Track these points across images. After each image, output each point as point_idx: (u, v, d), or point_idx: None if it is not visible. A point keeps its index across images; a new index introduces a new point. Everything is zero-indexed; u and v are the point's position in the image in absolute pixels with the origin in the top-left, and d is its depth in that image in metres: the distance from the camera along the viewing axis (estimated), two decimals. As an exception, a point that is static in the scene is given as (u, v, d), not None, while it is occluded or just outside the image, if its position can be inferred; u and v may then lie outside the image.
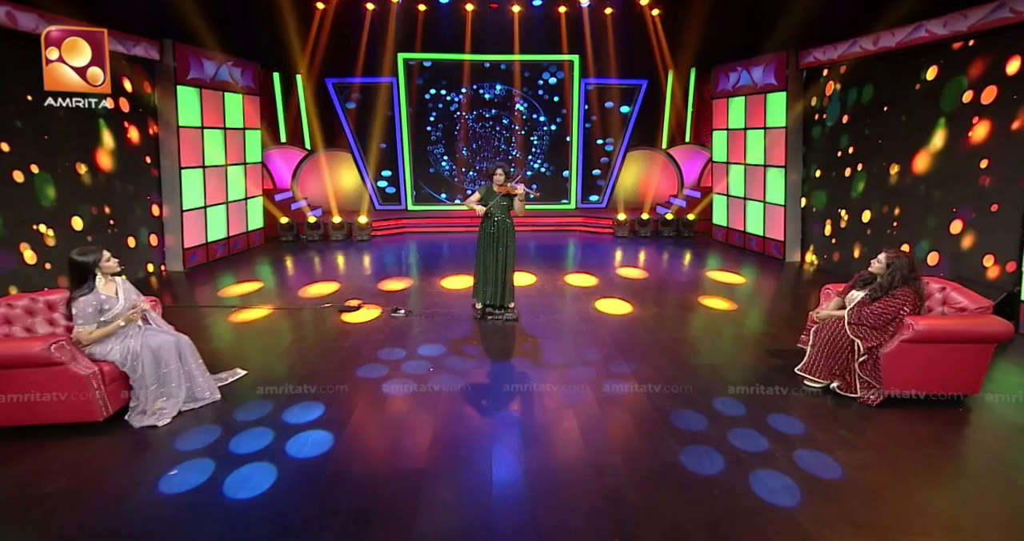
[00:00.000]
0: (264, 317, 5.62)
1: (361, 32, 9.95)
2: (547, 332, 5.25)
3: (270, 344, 4.90)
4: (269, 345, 4.87)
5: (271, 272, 7.67)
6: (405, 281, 7.08)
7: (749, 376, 4.16)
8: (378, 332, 5.23)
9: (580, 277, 7.28)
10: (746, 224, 9.00)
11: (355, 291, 6.59)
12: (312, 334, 5.20)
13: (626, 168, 11.44)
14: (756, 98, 8.36)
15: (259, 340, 5.03)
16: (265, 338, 5.08)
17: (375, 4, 9.70)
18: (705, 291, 6.71)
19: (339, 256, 8.68)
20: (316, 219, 9.79)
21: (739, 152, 8.92)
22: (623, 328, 5.36)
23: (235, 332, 5.21)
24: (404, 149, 11.04)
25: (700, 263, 8.37)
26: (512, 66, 10.68)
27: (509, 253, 5.50)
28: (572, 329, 5.35)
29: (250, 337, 5.12)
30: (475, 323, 5.46)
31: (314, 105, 10.71)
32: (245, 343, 4.91)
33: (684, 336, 5.17)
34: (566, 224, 10.95)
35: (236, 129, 8.35)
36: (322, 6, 9.44)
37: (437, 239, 10.07)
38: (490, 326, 5.39)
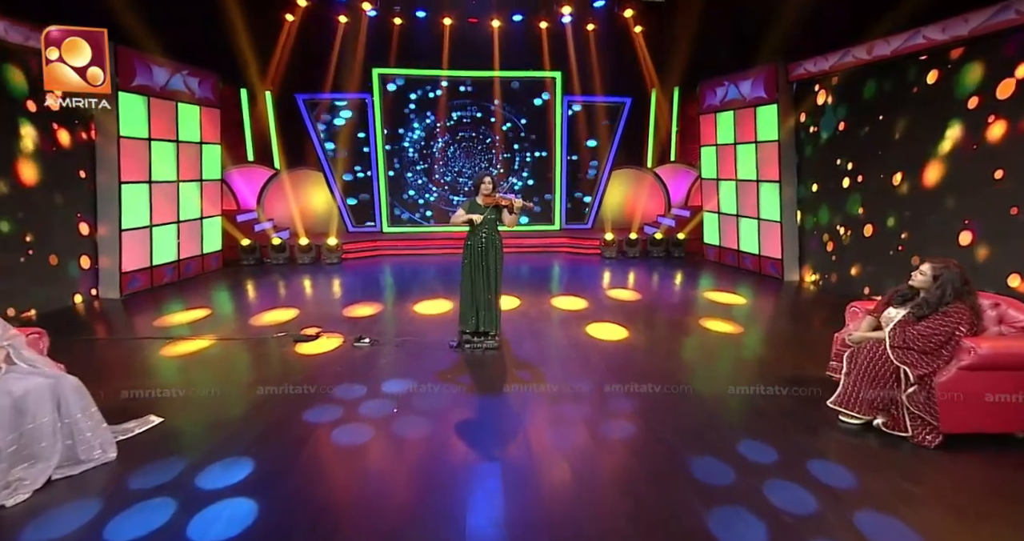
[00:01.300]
0: (204, 350, 4.83)
1: (333, 46, 9.49)
2: (534, 361, 4.58)
3: (202, 382, 4.10)
4: (200, 384, 4.08)
5: (225, 298, 6.88)
6: (374, 306, 6.37)
7: (772, 411, 3.53)
8: (337, 365, 4.49)
9: (568, 300, 6.66)
10: (740, 242, 8.56)
11: (316, 318, 5.84)
12: (257, 369, 4.43)
13: (611, 188, 11.03)
14: (745, 112, 8.06)
15: (190, 378, 4.23)
16: (198, 375, 4.29)
17: (348, 17, 9.29)
18: (703, 312, 6.13)
19: (304, 280, 7.92)
20: (281, 241, 9.06)
21: (729, 168, 8.56)
22: (619, 355, 4.71)
23: (162, 369, 4.40)
24: (379, 169, 10.47)
25: (694, 283, 7.84)
26: (492, 83, 10.30)
27: (497, 272, 4.88)
28: (562, 357, 4.68)
29: (180, 374, 4.32)
30: (451, 353, 4.77)
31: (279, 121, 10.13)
32: (171, 382, 4.11)
33: (688, 363, 4.55)
34: (550, 245, 10.40)
35: (191, 143, 7.68)
36: (291, 18, 8.99)
37: (413, 261, 9.40)
38: (468, 356, 4.70)
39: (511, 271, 8.24)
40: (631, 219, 10.85)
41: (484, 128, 10.56)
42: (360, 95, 10.09)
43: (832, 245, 7.06)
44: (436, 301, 6.48)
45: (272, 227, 9.78)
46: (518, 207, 4.67)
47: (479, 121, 10.50)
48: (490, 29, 9.69)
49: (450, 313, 5.76)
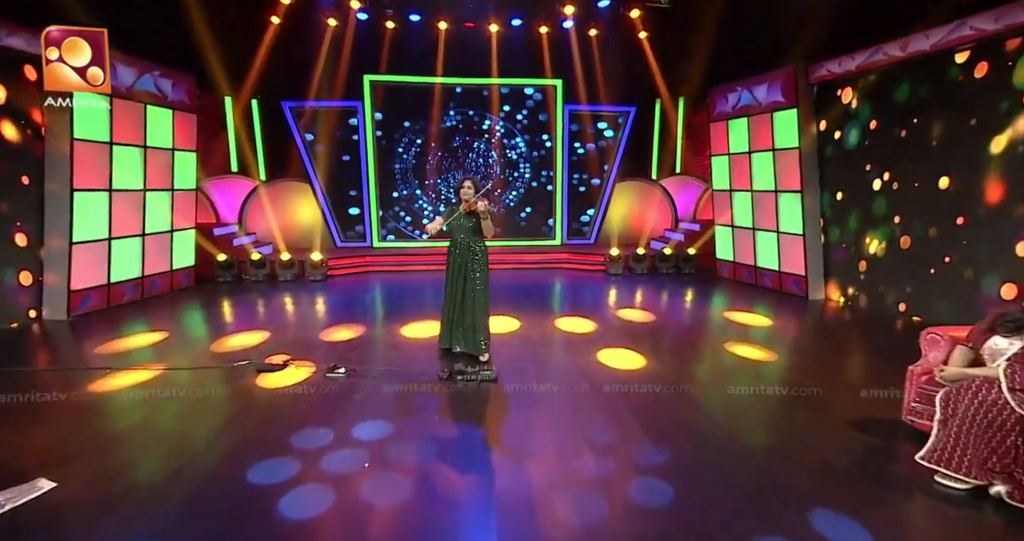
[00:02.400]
0: (145, 384, 4.08)
1: (321, 51, 8.96)
2: (537, 398, 3.85)
3: (126, 430, 3.35)
4: (124, 431, 3.33)
5: (190, 319, 6.14)
6: (356, 329, 5.64)
7: (843, 467, 2.80)
8: (303, 402, 3.76)
9: (573, 322, 5.95)
10: (757, 258, 7.91)
11: (289, 343, 5.11)
12: (203, 409, 3.68)
13: (615, 201, 10.43)
14: (761, 118, 7.50)
15: (113, 423, 3.48)
16: (125, 418, 3.53)
17: (337, 20, 8.78)
18: (726, 335, 5.43)
19: (283, 299, 7.19)
20: (261, 256, 8.36)
21: (744, 178, 7.97)
22: (639, 390, 3.99)
23: (82, 411, 3.62)
24: (370, 181, 9.85)
25: (710, 302, 7.15)
26: (490, 90, 9.78)
27: (478, 287, 4.25)
28: (571, 392, 3.95)
29: (102, 418, 3.55)
30: (440, 386, 4.04)
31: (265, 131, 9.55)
32: (88, 429, 3.34)
33: (724, 400, 3.82)
34: (551, 261, 9.72)
35: (162, 149, 7.04)
36: (277, 20, 8.46)
37: (404, 279, 8.69)
38: (460, 390, 3.97)
39: (509, 289, 7.56)
40: (637, 234, 10.23)
41: (481, 138, 9.99)
42: (350, 103, 9.53)
43: (862, 259, 6.41)
44: (426, 323, 5.77)
45: (253, 241, 9.11)
46: (482, 210, 4.14)
47: (475, 131, 9.94)
48: (488, 34, 9.20)
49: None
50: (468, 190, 4.19)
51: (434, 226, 4.21)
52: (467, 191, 4.19)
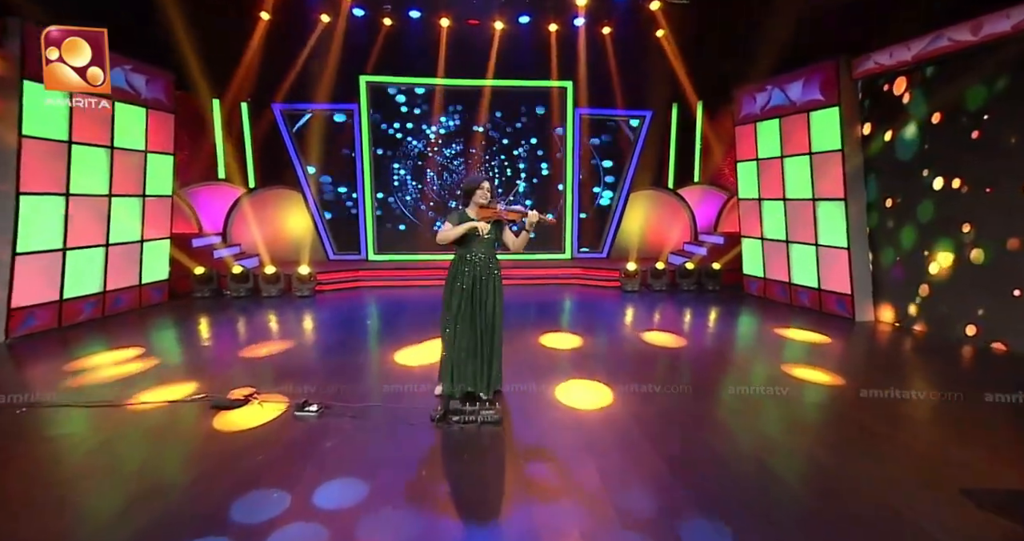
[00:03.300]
0: (68, 423, 3.31)
1: (314, 51, 8.37)
2: (554, 446, 3.06)
3: (15, 489, 2.57)
4: (12, 491, 2.54)
5: (154, 341, 5.38)
6: (338, 354, 4.87)
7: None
8: (260, 451, 2.99)
9: (589, 344, 5.15)
10: (791, 273, 7.11)
11: (258, 371, 4.34)
12: (130, 462, 2.90)
13: (629, 212, 9.70)
14: (795, 119, 6.78)
15: (4, 477, 2.70)
16: (19, 479, 2.74)
17: (331, 17, 8.20)
18: (782, 355, 4.62)
19: (264, 317, 6.44)
20: (243, 270, 7.63)
21: (775, 185, 7.22)
22: (685, 435, 3.18)
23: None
24: (366, 188, 9.18)
25: (744, 323, 6.33)
26: (494, 93, 9.14)
27: (496, 313, 3.48)
28: (597, 439, 3.15)
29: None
30: (432, 430, 3.26)
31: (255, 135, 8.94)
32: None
33: (801, 443, 3.00)
34: (560, 276, 8.95)
35: (133, 151, 6.38)
36: (267, 16, 7.89)
37: (400, 295, 7.94)
38: (456, 435, 3.19)
39: (514, 309, 6.78)
40: (653, 247, 9.48)
41: (484, 143, 9.32)
42: (346, 105, 8.92)
43: (920, 276, 5.60)
44: (423, 346, 4.99)
45: (237, 253, 8.41)
46: (532, 222, 3.28)
47: (478, 136, 9.28)
48: (492, 32, 8.60)
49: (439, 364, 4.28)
50: (484, 192, 3.37)
51: (451, 232, 3.32)
52: (484, 193, 3.37)
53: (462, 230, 3.33)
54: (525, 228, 3.33)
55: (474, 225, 3.31)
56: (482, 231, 3.31)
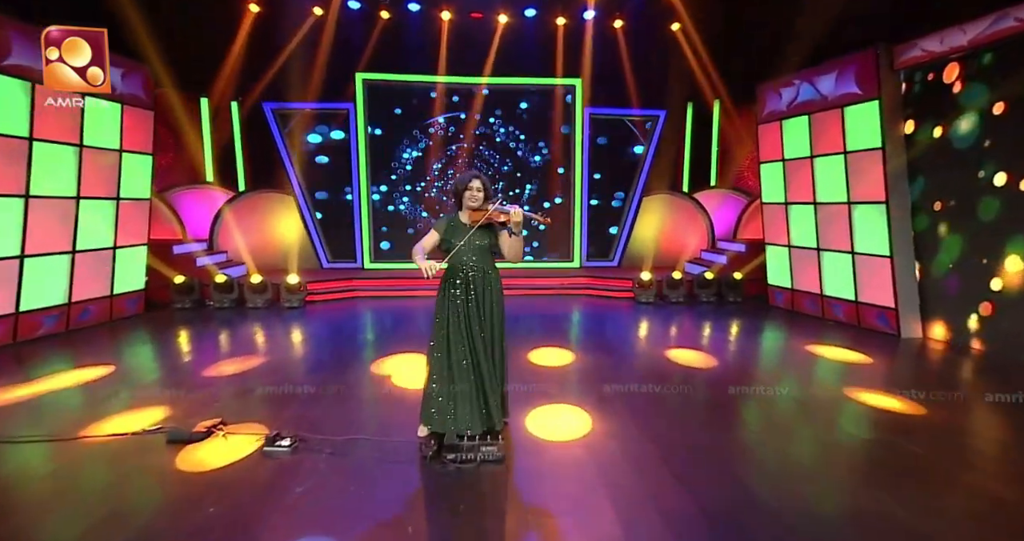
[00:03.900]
0: (5, 458, 2.73)
1: (310, 47, 7.89)
2: (570, 492, 2.45)
3: None
4: None
5: (122, 358, 4.80)
6: (324, 375, 4.28)
7: None
8: (217, 500, 2.41)
9: (605, 364, 4.54)
10: (823, 284, 6.50)
11: (228, 395, 3.76)
12: (52, 510, 2.31)
13: (642, 217, 9.13)
14: (827, 116, 6.22)
15: None
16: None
17: (323, 9, 7.72)
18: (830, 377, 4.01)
19: (247, 331, 5.87)
20: (227, 279, 7.08)
21: (804, 188, 6.64)
22: (736, 481, 2.57)
23: None
24: (362, 192, 8.65)
25: (771, 338, 5.72)
26: (498, 91, 8.63)
27: (496, 330, 2.90)
28: (623, 483, 2.54)
29: None
30: (423, 470, 2.68)
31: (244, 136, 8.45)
32: None
33: (884, 496, 2.38)
34: (568, 286, 8.36)
35: (105, 150, 5.86)
36: (256, 8, 7.42)
37: (399, 306, 7.36)
38: (453, 477, 2.60)
39: (518, 322, 6.18)
40: (668, 255, 8.88)
41: (487, 145, 8.80)
42: (341, 105, 8.42)
43: (980, 287, 4.98)
44: (422, 364, 4.40)
45: (223, 261, 7.86)
46: (516, 222, 2.73)
47: (480, 137, 8.75)
48: (496, 26, 8.10)
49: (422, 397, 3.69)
50: (476, 192, 2.82)
51: (421, 254, 2.79)
52: (475, 194, 2.83)
53: (418, 261, 2.70)
54: (512, 231, 2.76)
55: (433, 265, 2.66)
56: (427, 273, 2.64)
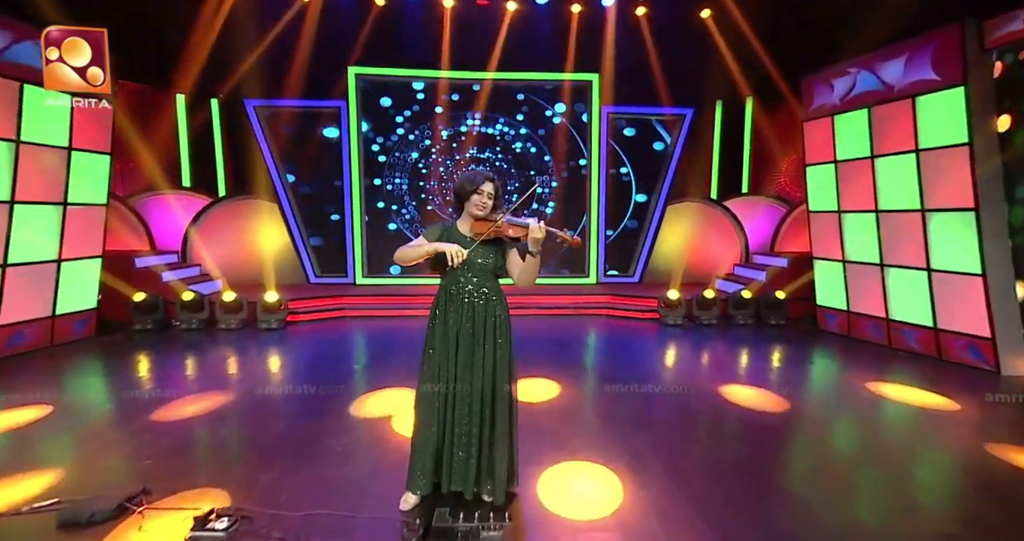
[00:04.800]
0: None
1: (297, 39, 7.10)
2: None
3: None
4: None
5: (45, 395, 3.90)
6: (289, 421, 3.34)
7: None
8: None
9: (635, 403, 3.56)
10: (890, 307, 5.49)
11: (165, 451, 2.83)
12: None
13: (666, 228, 8.18)
14: (894, 108, 5.26)
15: None
16: None
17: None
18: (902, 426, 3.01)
19: (216, 357, 4.96)
20: (196, 296, 6.21)
21: (863, 193, 5.67)
22: None
23: None
24: (354, 200, 7.80)
25: (834, 372, 4.70)
26: (506, 87, 7.78)
27: (500, 371, 2.28)
28: None
29: None
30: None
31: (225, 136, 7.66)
32: None
33: None
34: (584, 305, 7.38)
35: (50, 147, 5.06)
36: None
37: (396, 327, 6.46)
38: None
39: (525, 348, 5.20)
40: (696, 271, 7.91)
41: (494, 148, 7.93)
42: (332, 102, 7.61)
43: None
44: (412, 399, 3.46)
45: (197, 275, 7.02)
46: (537, 240, 2.11)
47: (487, 138, 7.90)
48: (504, 13, 7.27)
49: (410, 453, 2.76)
50: (484, 198, 2.19)
51: (414, 250, 2.15)
52: (482, 199, 2.18)
53: (424, 252, 2.12)
54: (528, 250, 2.13)
55: (442, 248, 2.07)
56: (454, 260, 2.05)
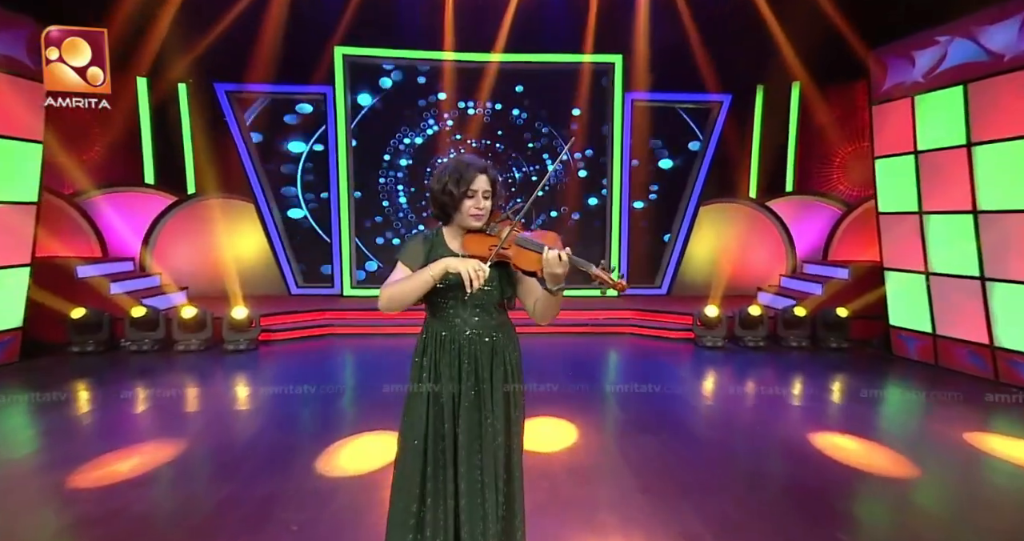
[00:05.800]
0: None
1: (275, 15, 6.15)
2: None
3: None
4: None
5: None
6: (239, 484, 2.33)
7: None
8: None
9: (684, 458, 2.51)
10: (993, 330, 4.41)
11: (79, 530, 1.84)
12: None
13: (698, 232, 7.15)
14: (1000, 82, 4.22)
15: None
16: None
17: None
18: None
19: (166, 389, 3.98)
20: (147, 312, 5.24)
21: (955, 190, 4.61)
22: None
23: None
24: (342, 200, 6.83)
25: (953, 417, 3.63)
26: (516, 71, 6.79)
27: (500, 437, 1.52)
28: None
29: None
30: None
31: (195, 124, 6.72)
32: None
33: None
34: (605, 321, 6.34)
35: (-43, 132, 4.14)
36: (202, -40, 5.73)
37: (387, 345, 5.49)
38: None
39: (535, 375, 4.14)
40: (735, 282, 6.84)
41: (504, 139, 6.95)
42: (316, 88, 6.66)
43: None
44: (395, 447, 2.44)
45: (154, 286, 6.07)
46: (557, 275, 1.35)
47: (494, 127, 6.91)
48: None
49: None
50: (480, 201, 1.50)
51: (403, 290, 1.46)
52: (479, 202, 1.50)
53: (424, 282, 1.43)
54: (548, 287, 1.41)
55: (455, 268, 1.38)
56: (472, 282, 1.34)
